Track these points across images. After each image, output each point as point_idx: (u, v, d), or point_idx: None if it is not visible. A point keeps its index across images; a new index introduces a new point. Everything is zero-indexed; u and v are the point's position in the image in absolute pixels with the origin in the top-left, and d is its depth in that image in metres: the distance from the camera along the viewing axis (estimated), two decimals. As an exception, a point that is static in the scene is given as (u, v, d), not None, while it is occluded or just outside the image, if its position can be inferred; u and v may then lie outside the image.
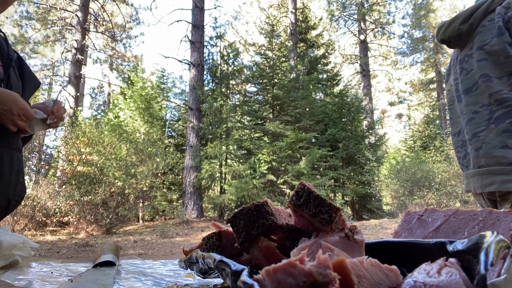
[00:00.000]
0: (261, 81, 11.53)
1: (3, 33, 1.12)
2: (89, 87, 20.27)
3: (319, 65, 14.05)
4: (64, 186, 8.16)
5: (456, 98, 1.31)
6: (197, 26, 11.35)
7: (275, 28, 13.68)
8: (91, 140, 8.17)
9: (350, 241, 0.40)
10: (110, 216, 7.54)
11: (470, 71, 1.21)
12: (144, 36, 27.35)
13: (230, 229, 0.51)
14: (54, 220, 8.03)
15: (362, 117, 12.03)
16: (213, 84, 12.24)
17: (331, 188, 10.31)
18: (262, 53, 12.48)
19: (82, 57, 11.91)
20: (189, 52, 11.40)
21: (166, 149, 10.85)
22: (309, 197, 0.43)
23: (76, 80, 11.45)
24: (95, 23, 14.05)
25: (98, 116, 14.54)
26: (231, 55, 12.16)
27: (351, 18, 17.60)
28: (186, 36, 11.48)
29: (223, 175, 10.56)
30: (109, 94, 19.02)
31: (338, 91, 13.09)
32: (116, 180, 8.08)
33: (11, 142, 1.04)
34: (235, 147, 10.88)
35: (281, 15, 15.54)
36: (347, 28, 18.12)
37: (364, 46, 16.67)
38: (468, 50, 1.23)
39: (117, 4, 14.31)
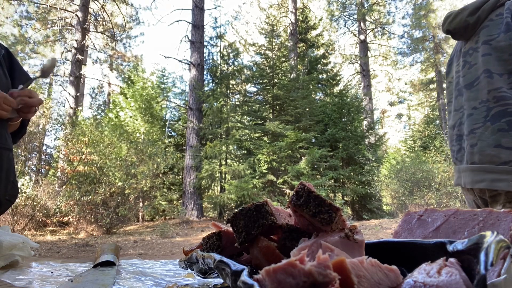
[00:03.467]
0: (261, 81, 11.53)
1: None
2: (89, 87, 20.29)
3: (319, 65, 14.05)
4: (64, 186, 8.16)
5: (457, 92, 1.29)
6: (197, 26, 11.34)
7: (275, 28, 13.67)
8: (92, 140, 8.17)
9: (350, 241, 0.40)
10: (110, 216, 7.54)
11: (474, 65, 1.19)
12: (144, 36, 27.41)
13: (230, 229, 0.51)
14: (54, 220, 8.03)
15: (362, 117, 12.03)
16: (213, 84, 12.23)
17: (331, 188, 10.31)
18: (262, 53, 12.48)
19: (82, 57, 11.92)
20: (189, 52, 11.40)
21: (166, 149, 10.85)
22: (309, 197, 0.43)
23: (76, 80, 11.45)
24: (95, 23, 14.06)
25: (98, 116, 14.54)
26: (231, 55, 12.16)
27: (351, 18, 17.60)
28: (186, 36, 11.48)
29: (223, 175, 10.56)
30: (109, 94, 19.02)
31: (338, 91, 13.09)
32: (116, 180, 8.08)
33: None
34: (235, 147, 10.89)
35: (281, 15, 15.54)
36: (347, 28, 18.13)
37: (364, 46, 16.67)
38: (473, 43, 1.21)
39: (117, 4, 14.31)
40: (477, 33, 1.20)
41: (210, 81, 12.41)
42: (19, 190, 6.97)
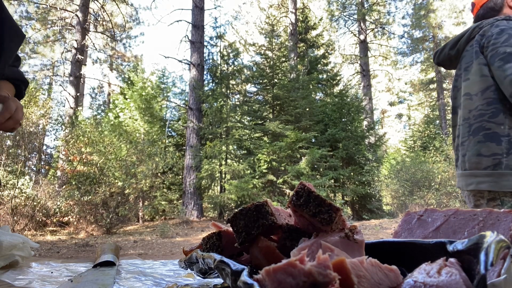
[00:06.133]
0: (261, 81, 11.53)
1: None
2: (89, 87, 20.30)
3: (319, 65, 14.04)
4: (64, 186, 8.16)
5: (452, 110, 1.57)
6: (197, 26, 11.34)
7: (275, 28, 13.67)
8: (91, 140, 8.17)
9: (350, 241, 0.40)
10: (110, 216, 7.54)
11: (459, 89, 1.46)
12: (144, 36, 27.42)
13: (230, 229, 0.51)
14: (54, 220, 8.03)
15: (362, 117, 12.03)
16: (213, 84, 12.23)
17: (331, 188, 10.30)
18: (262, 53, 12.48)
19: (82, 57, 11.91)
20: (189, 52, 11.40)
21: (166, 149, 10.85)
22: (309, 197, 0.43)
23: (76, 80, 11.45)
24: (95, 23, 14.05)
25: (98, 116, 14.54)
26: (231, 55, 12.16)
27: (351, 18, 17.59)
28: (186, 36, 11.48)
29: (223, 175, 10.56)
30: (109, 94, 19.02)
31: (338, 91, 13.08)
32: (116, 180, 8.08)
33: None
34: (235, 147, 10.89)
35: (281, 15, 15.54)
36: (347, 28, 18.12)
37: (364, 46, 16.67)
38: (458, 70, 1.50)
39: (117, 4, 14.31)
40: (460, 62, 1.49)
41: (210, 81, 12.41)
42: (19, 189, 6.97)
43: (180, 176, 11.59)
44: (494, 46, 1.26)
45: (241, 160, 10.17)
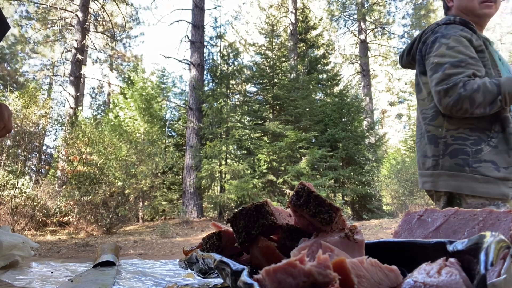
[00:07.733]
0: (261, 81, 11.53)
1: None
2: (89, 87, 20.29)
3: (319, 65, 14.04)
4: (64, 186, 8.15)
5: None
6: (197, 26, 11.34)
7: (275, 28, 13.66)
8: (91, 140, 8.17)
9: (350, 241, 0.40)
10: (110, 216, 7.54)
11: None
12: (144, 36, 27.41)
13: (230, 229, 0.51)
14: (54, 220, 8.03)
15: (362, 117, 12.02)
16: (213, 84, 12.23)
17: (331, 188, 10.30)
18: (262, 53, 12.47)
19: (82, 57, 11.91)
20: (189, 52, 11.40)
21: (166, 149, 10.85)
22: (309, 197, 0.43)
23: (76, 80, 11.45)
24: (95, 23, 14.05)
25: (98, 116, 14.54)
26: (231, 55, 12.15)
27: (351, 18, 17.59)
28: (186, 36, 11.48)
29: (223, 175, 10.57)
30: (109, 94, 19.02)
31: (338, 91, 13.07)
32: (116, 180, 8.08)
33: None
34: (235, 146, 10.89)
35: (281, 15, 15.54)
36: (347, 28, 18.11)
37: (364, 46, 16.66)
38: None
39: (117, 4, 14.31)
40: None
41: (210, 81, 12.41)
42: (19, 189, 6.98)
43: (180, 176, 11.59)
44: (428, 55, 1.31)
45: (241, 160, 10.16)
